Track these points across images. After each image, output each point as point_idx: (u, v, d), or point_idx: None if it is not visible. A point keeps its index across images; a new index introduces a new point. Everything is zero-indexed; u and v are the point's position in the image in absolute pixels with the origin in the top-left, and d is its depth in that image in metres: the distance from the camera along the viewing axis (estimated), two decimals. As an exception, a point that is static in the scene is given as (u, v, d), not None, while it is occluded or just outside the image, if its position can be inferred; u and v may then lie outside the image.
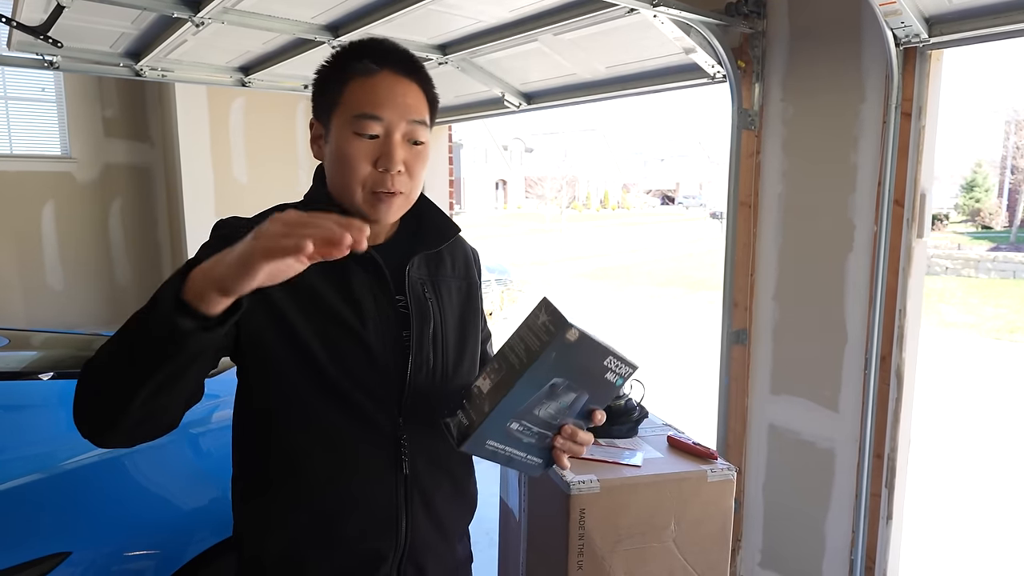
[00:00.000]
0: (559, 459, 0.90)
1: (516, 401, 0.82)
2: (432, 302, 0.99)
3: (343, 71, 0.91)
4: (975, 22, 1.73)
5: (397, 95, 0.89)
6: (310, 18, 2.42)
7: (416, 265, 0.98)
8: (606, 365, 0.83)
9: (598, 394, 0.87)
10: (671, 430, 1.82)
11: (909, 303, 1.98)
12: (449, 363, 0.99)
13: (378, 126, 0.89)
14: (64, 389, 1.98)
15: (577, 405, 0.87)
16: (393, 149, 0.89)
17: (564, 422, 0.88)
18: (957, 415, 5.64)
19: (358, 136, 0.88)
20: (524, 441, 0.87)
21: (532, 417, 0.85)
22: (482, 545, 2.60)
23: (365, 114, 0.88)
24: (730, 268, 2.38)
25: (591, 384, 0.85)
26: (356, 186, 0.90)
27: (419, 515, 0.97)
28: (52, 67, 2.80)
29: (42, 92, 4.64)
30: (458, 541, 1.07)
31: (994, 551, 3.27)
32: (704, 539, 1.58)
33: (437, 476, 0.99)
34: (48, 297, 4.66)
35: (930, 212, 1.98)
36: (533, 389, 0.82)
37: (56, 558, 1.40)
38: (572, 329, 0.79)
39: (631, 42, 2.42)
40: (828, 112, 2.10)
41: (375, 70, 0.90)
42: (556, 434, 0.89)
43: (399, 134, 0.90)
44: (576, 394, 0.85)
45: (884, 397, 2.03)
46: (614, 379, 0.85)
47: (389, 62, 0.91)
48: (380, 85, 0.89)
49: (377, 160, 0.89)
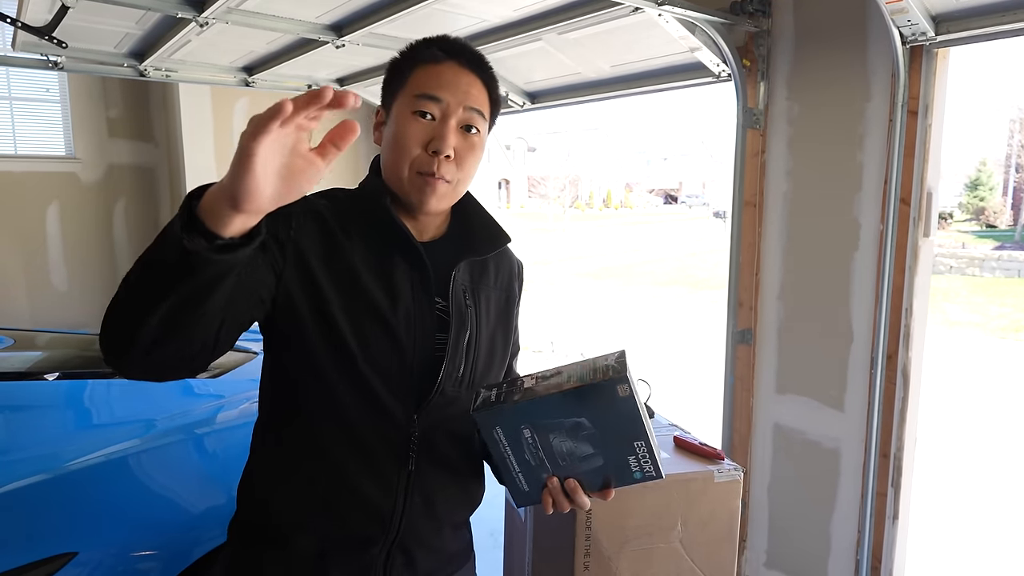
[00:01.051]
0: (544, 500, 0.89)
1: (542, 411, 0.82)
2: (471, 310, 0.98)
3: (412, 59, 0.95)
4: (982, 20, 1.72)
5: (460, 82, 0.92)
6: (314, 18, 2.42)
7: (461, 270, 0.98)
8: (635, 447, 0.83)
9: (614, 469, 0.86)
10: (677, 430, 1.82)
11: (916, 302, 1.97)
12: (477, 374, 0.99)
13: (436, 108, 0.91)
14: (69, 389, 1.99)
15: (590, 464, 0.85)
16: (447, 132, 0.90)
17: (569, 473, 0.87)
18: (963, 414, 5.63)
19: (415, 116, 0.91)
20: (525, 457, 0.86)
21: (546, 440, 0.84)
22: (487, 546, 2.59)
23: (425, 94, 0.91)
24: (735, 267, 2.37)
25: (613, 452, 0.84)
26: (404, 166, 0.91)
27: (416, 509, 0.97)
28: (56, 67, 2.81)
29: (46, 92, 4.65)
30: (451, 533, 1.05)
31: (1000, 551, 3.26)
32: (711, 540, 1.57)
33: (442, 477, 0.99)
34: (52, 297, 4.67)
35: (936, 211, 1.98)
36: (561, 413, 0.82)
37: (62, 558, 1.40)
38: (626, 385, 0.79)
39: (636, 41, 2.42)
40: (834, 111, 2.09)
41: (442, 58, 0.93)
42: (555, 476, 0.88)
43: (455, 119, 0.91)
44: (594, 450, 0.84)
45: (890, 396, 2.02)
46: (634, 467, 0.84)
47: (457, 54, 0.94)
48: (445, 71, 0.92)
49: (429, 142, 0.90)
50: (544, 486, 0.88)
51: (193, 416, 1.91)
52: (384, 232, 0.92)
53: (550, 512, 0.90)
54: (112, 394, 2.04)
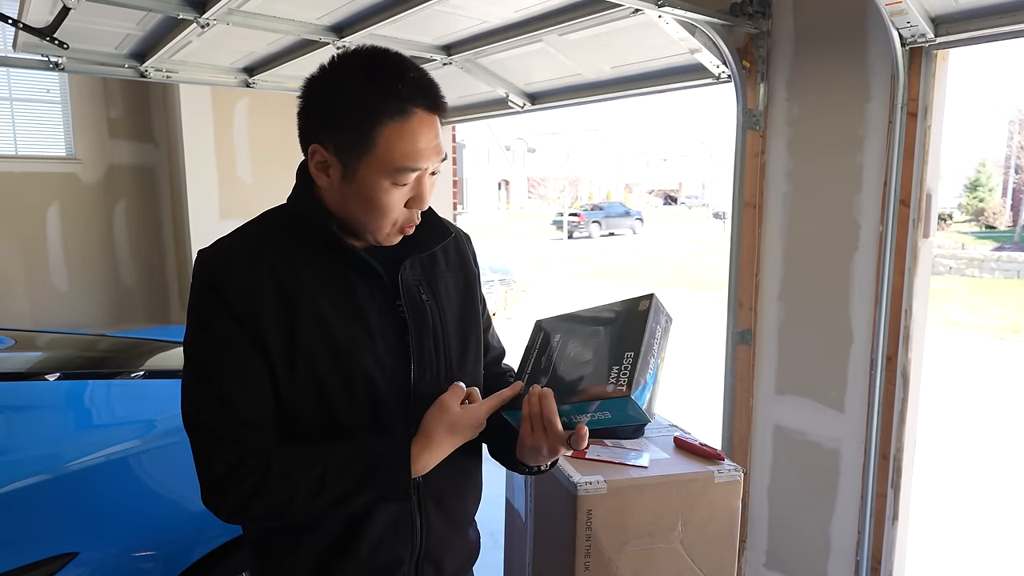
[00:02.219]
0: (523, 407, 0.89)
1: (580, 321, 0.96)
2: (430, 303, 0.97)
3: (372, 111, 0.83)
4: (981, 22, 1.72)
5: (432, 139, 0.87)
6: (315, 19, 2.43)
7: (408, 267, 0.97)
8: (624, 357, 0.85)
9: (594, 376, 0.86)
10: (677, 431, 1.82)
11: (915, 303, 1.98)
12: (452, 362, 0.99)
13: (414, 175, 0.88)
14: (70, 390, 1.99)
15: (580, 371, 0.89)
16: (425, 192, 0.90)
17: (556, 383, 0.89)
18: (962, 415, 5.63)
19: (396, 186, 0.86)
20: (541, 360, 0.95)
21: (564, 345, 0.93)
22: (487, 547, 2.60)
23: (405, 168, 0.85)
24: (735, 268, 2.37)
25: (604, 358, 0.87)
26: (388, 226, 0.90)
27: (432, 515, 0.97)
28: (57, 68, 2.81)
29: (47, 93, 4.65)
30: (470, 529, 1.08)
31: (1000, 551, 3.26)
32: (711, 540, 1.58)
33: (450, 475, 0.98)
34: (53, 298, 4.67)
35: (936, 212, 1.98)
36: (592, 322, 0.94)
37: (64, 558, 1.41)
38: (647, 303, 0.89)
39: (636, 42, 2.42)
40: (833, 112, 2.09)
41: (409, 110, 0.84)
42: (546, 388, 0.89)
43: (428, 174, 0.90)
44: (591, 356, 0.88)
45: (890, 397, 2.02)
46: (612, 377, 0.84)
47: (421, 96, 0.85)
48: (418, 132, 0.85)
49: (409, 200, 0.90)
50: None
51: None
52: (334, 255, 0.91)
53: (527, 422, 0.89)
54: (112, 395, 2.04)
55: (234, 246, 0.91)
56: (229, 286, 0.86)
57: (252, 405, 0.87)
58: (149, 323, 4.89)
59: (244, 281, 0.87)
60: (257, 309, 0.86)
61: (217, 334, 0.87)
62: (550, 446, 0.88)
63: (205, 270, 0.89)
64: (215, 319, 0.87)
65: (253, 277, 0.88)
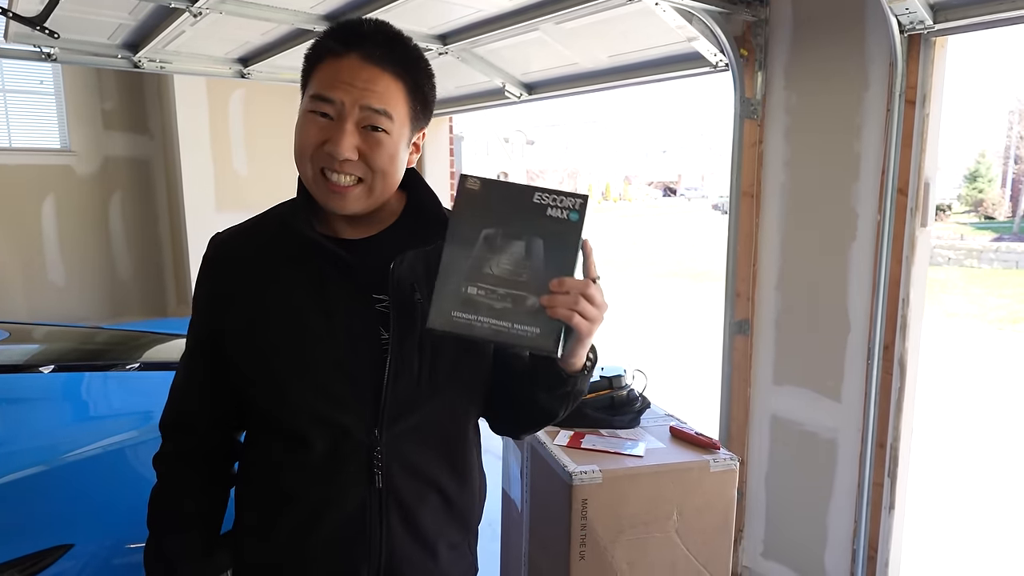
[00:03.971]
0: (562, 317, 0.79)
1: (454, 263, 0.80)
2: (423, 304, 0.89)
3: (316, 53, 0.88)
4: (980, 8, 1.71)
5: (358, 79, 0.85)
6: (309, 8, 2.41)
7: (407, 263, 0.91)
8: (538, 202, 0.79)
9: (555, 236, 0.80)
10: (673, 420, 1.82)
11: (912, 292, 1.97)
12: (440, 369, 0.92)
13: (330, 108, 0.85)
14: (65, 382, 1.98)
15: (538, 254, 0.80)
16: (341, 135, 0.84)
17: (538, 279, 0.80)
18: (960, 405, 5.64)
19: (312, 115, 0.86)
20: (497, 307, 0.80)
21: (487, 277, 0.80)
22: (484, 537, 2.60)
23: (319, 95, 0.86)
24: (732, 258, 2.37)
25: (535, 227, 0.80)
26: (306, 164, 0.88)
27: (397, 529, 0.92)
28: (50, 59, 2.79)
29: (40, 84, 4.62)
30: (449, 553, 0.99)
31: (996, 541, 3.27)
32: (706, 529, 1.58)
33: (421, 489, 0.93)
34: (49, 290, 4.66)
35: (934, 201, 1.97)
36: (464, 247, 0.80)
37: (58, 550, 1.40)
38: (472, 179, 0.80)
39: (633, 31, 2.40)
40: (831, 100, 2.08)
41: (341, 51, 0.86)
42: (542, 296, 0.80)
43: (351, 121, 0.85)
44: (524, 241, 0.80)
45: (887, 387, 2.02)
46: (562, 215, 0.79)
47: (360, 46, 0.86)
48: (343, 68, 0.85)
49: (325, 142, 0.86)
50: (546, 311, 0.81)
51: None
52: (306, 245, 0.90)
53: (576, 325, 0.80)
54: (108, 386, 2.03)
55: (230, 234, 0.97)
56: (212, 270, 0.96)
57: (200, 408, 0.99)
58: (145, 316, 4.88)
59: (224, 268, 0.95)
60: (227, 295, 0.93)
61: (193, 328, 0.99)
62: (596, 314, 0.82)
63: (204, 254, 0.98)
64: (195, 311, 0.98)
65: (234, 265, 0.94)
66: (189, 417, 0.99)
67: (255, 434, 0.98)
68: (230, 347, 0.92)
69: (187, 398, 0.99)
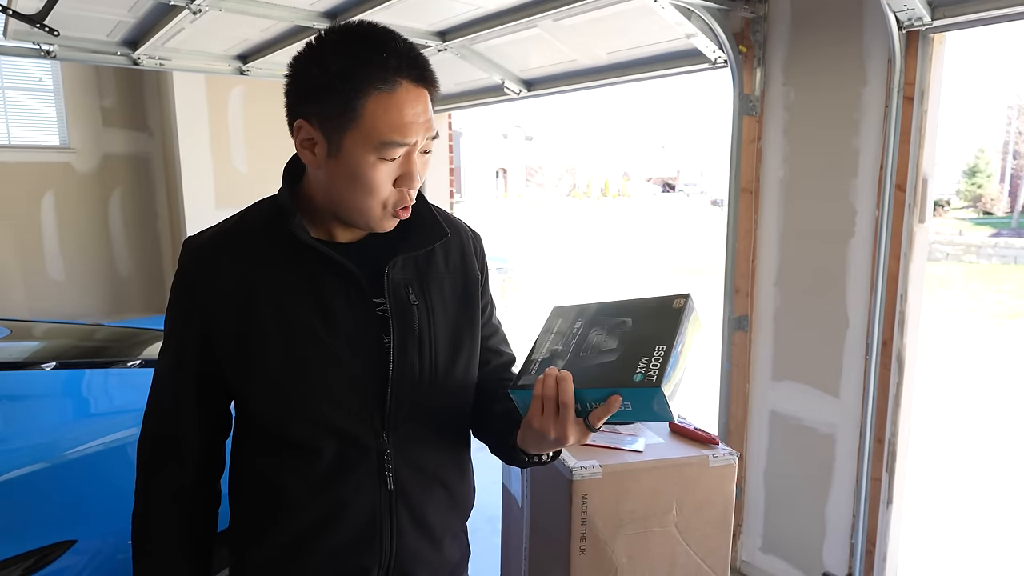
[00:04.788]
0: (536, 386, 0.82)
1: (605, 310, 0.90)
2: (419, 305, 0.92)
3: (356, 80, 0.80)
4: (978, 4, 1.71)
5: (420, 113, 0.82)
6: (308, 5, 2.41)
7: (399, 266, 0.91)
8: (655, 349, 0.79)
9: (620, 366, 0.80)
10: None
11: (911, 288, 1.98)
12: (439, 367, 0.93)
13: (402, 150, 0.83)
14: (66, 379, 1.99)
15: (603, 358, 0.83)
16: (415, 170, 0.84)
17: (577, 365, 0.83)
18: (960, 401, 5.66)
19: (383, 161, 0.82)
20: (558, 345, 0.89)
21: (587, 331, 0.88)
22: (485, 532, 2.61)
23: (392, 142, 0.81)
24: (731, 254, 2.37)
25: (632, 349, 0.81)
26: (377, 207, 0.85)
27: (406, 527, 0.93)
28: (49, 56, 2.79)
29: (39, 82, 4.62)
30: (451, 543, 1.01)
31: (994, 535, 3.29)
32: (706, 524, 1.59)
33: (427, 486, 0.95)
34: (49, 288, 4.66)
35: (932, 197, 1.98)
36: (617, 313, 0.88)
37: (61, 546, 1.41)
38: (683, 300, 0.85)
39: (632, 27, 2.41)
40: (830, 96, 2.09)
41: (396, 81, 0.81)
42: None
43: (418, 151, 0.85)
44: (617, 345, 0.84)
45: (885, 382, 2.03)
46: (640, 367, 0.78)
47: (406, 70, 0.81)
48: (405, 104, 0.81)
49: (398, 179, 0.84)
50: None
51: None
52: (302, 250, 0.87)
53: (538, 402, 0.81)
54: (109, 383, 2.04)
55: (209, 238, 0.91)
56: (195, 279, 0.89)
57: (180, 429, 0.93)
58: (145, 312, 4.89)
59: (209, 275, 0.88)
60: (215, 303, 0.88)
61: (172, 346, 0.93)
62: (559, 432, 0.81)
63: (180, 262, 0.92)
64: (175, 325, 0.92)
65: (219, 271, 0.88)
66: (178, 443, 0.92)
67: (253, 444, 0.94)
68: (223, 360, 0.88)
69: (175, 422, 0.92)
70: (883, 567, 2.11)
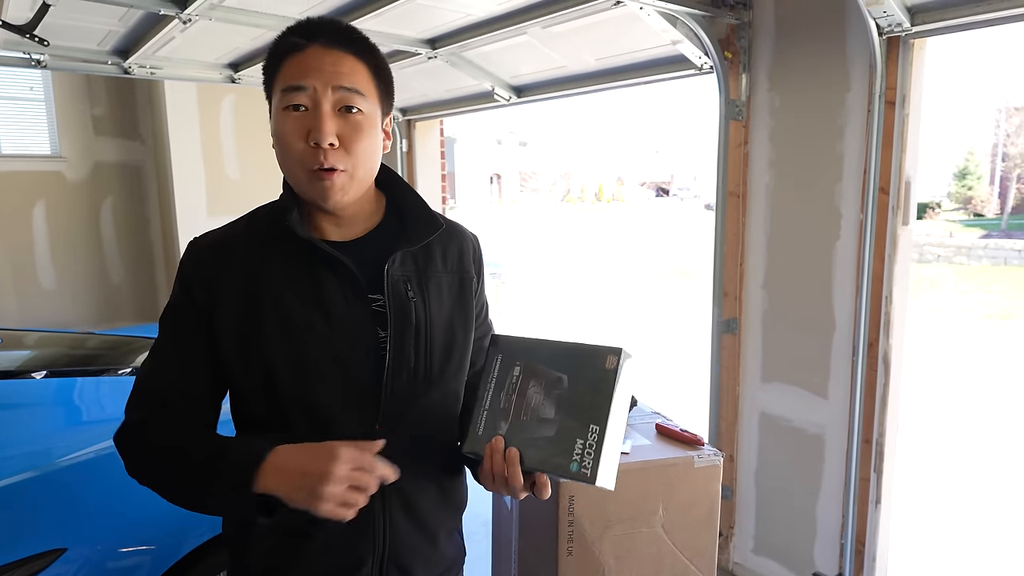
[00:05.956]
0: (485, 456, 0.87)
1: (540, 354, 0.89)
2: (416, 301, 0.94)
3: (277, 53, 0.90)
4: (956, 10, 1.74)
5: (325, 64, 0.87)
6: (298, 14, 2.42)
7: (398, 262, 0.94)
8: (589, 430, 0.82)
9: (558, 446, 0.83)
10: (659, 418, 1.84)
11: (895, 290, 2.00)
12: (434, 363, 0.95)
13: (304, 96, 0.86)
14: (57, 387, 1.99)
15: (542, 431, 0.85)
16: (321, 120, 0.85)
17: (519, 435, 0.86)
18: (950, 400, 5.69)
19: (287, 111, 0.87)
20: (500, 396, 0.89)
21: (526, 384, 0.88)
22: (479, 536, 2.61)
23: (290, 85, 0.87)
24: (719, 257, 2.40)
25: (568, 425, 0.83)
26: (296, 167, 0.88)
27: (400, 519, 0.95)
28: (39, 66, 2.80)
29: (30, 91, 4.62)
30: (446, 540, 1.03)
31: (982, 534, 3.31)
32: (692, 523, 1.60)
33: (420, 480, 0.96)
34: (41, 296, 4.65)
35: (915, 200, 2.00)
36: (552, 362, 0.87)
37: (51, 555, 1.41)
38: (616, 359, 0.83)
39: (619, 34, 2.43)
40: (814, 102, 2.11)
41: (303, 44, 0.88)
42: (504, 436, 0.87)
43: (327, 104, 0.86)
44: (555, 416, 0.84)
45: (872, 383, 2.05)
46: (575, 454, 0.82)
47: (319, 36, 0.89)
48: (308, 57, 0.88)
49: (308, 134, 0.86)
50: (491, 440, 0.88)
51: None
52: (301, 248, 0.91)
53: (489, 475, 0.87)
54: (100, 391, 2.04)
55: (215, 237, 0.96)
56: (197, 274, 0.92)
57: (176, 382, 0.92)
58: (137, 321, 4.88)
59: (212, 271, 0.92)
60: (217, 298, 0.91)
61: (173, 314, 0.94)
62: (511, 494, 0.88)
63: (184, 257, 0.96)
64: (177, 301, 0.94)
65: (221, 267, 0.92)
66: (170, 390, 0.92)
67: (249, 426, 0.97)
68: (224, 354, 0.91)
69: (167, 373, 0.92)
70: (873, 567, 2.13)
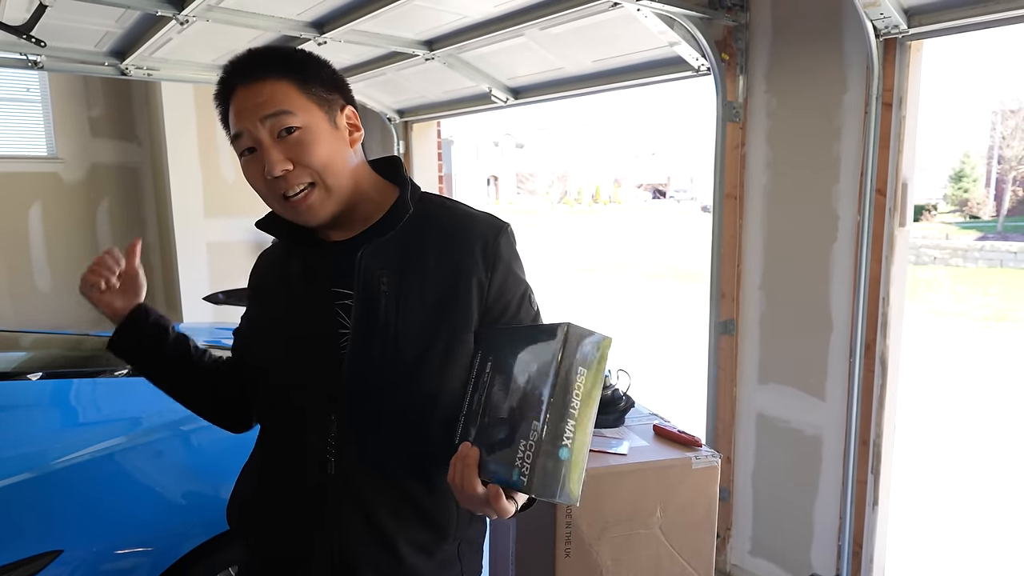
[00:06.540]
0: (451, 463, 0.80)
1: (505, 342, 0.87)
2: (388, 293, 0.91)
3: (218, 102, 0.96)
4: (953, 12, 1.75)
5: (248, 101, 0.90)
6: (295, 15, 2.42)
7: (371, 253, 0.92)
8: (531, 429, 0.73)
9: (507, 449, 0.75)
10: (657, 419, 1.84)
11: (892, 291, 2.01)
12: (405, 363, 0.90)
13: (246, 139, 0.91)
14: (53, 389, 1.98)
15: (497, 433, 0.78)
16: (265, 154, 0.89)
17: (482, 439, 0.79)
18: (946, 402, 5.70)
19: (243, 157, 0.93)
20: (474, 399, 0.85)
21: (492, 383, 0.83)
22: (475, 538, 2.61)
23: (233, 134, 0.93)
24: (717, 259, 2.40)
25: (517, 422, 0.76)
26: (270, 202, 0.95)
27: (351, 520, 0.92)
28: (36, 67, 2.79)
29: (27, 92, 4.60)
30: (414, 553, 0.94)
31: (979, 535, 3.31)
32: (689, 525, 1.60)
33: (383, 487, 0.93)
34: (36, 298, 4.64)
35: (912, 201, 2.01)
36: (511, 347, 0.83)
37: (47, 556, 1.41)
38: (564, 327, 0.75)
39: (616, 36, 2.44)
40: (811, 103, 2.12)
41: (230, 89, 0.93)
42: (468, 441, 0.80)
43: (265, 137, 0.89)
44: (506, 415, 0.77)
45: (869, 384, 2.05)
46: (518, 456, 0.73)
47: (236, 76, 0.92)
48: (237, 100, 0.92)
49: (264, 171, 0.90)
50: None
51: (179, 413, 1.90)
52: (292, 248, 1.02)
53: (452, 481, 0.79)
54: (97, 392, 2.04)
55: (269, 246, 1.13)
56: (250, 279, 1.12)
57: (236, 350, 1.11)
58: (135, 322, 4.85)
59: (253, 275, 1.11)
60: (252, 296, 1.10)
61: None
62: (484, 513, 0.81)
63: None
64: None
65: (258, 271, 1.10)
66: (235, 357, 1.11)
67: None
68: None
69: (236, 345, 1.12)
70: (870, 568, 2.13)
